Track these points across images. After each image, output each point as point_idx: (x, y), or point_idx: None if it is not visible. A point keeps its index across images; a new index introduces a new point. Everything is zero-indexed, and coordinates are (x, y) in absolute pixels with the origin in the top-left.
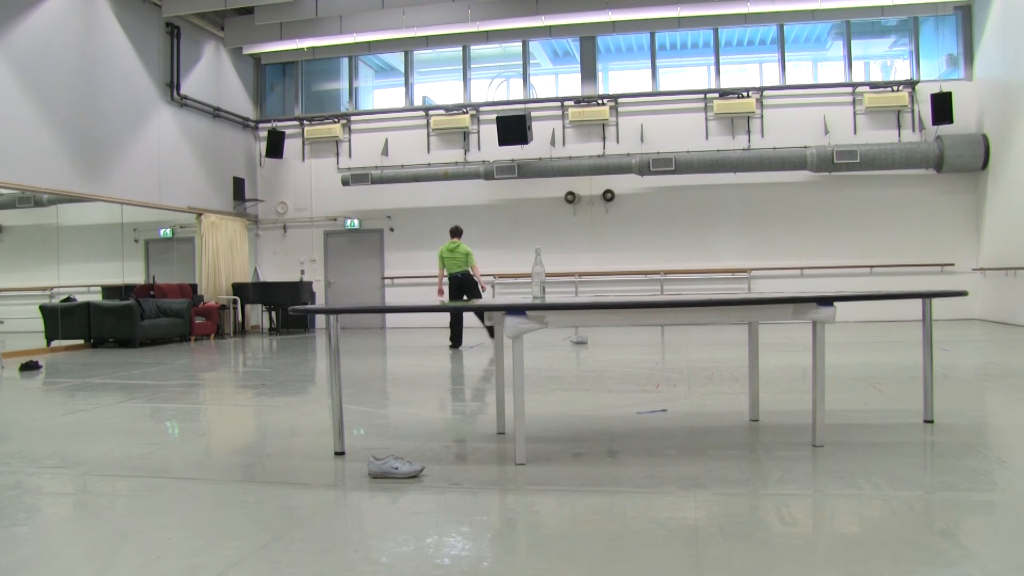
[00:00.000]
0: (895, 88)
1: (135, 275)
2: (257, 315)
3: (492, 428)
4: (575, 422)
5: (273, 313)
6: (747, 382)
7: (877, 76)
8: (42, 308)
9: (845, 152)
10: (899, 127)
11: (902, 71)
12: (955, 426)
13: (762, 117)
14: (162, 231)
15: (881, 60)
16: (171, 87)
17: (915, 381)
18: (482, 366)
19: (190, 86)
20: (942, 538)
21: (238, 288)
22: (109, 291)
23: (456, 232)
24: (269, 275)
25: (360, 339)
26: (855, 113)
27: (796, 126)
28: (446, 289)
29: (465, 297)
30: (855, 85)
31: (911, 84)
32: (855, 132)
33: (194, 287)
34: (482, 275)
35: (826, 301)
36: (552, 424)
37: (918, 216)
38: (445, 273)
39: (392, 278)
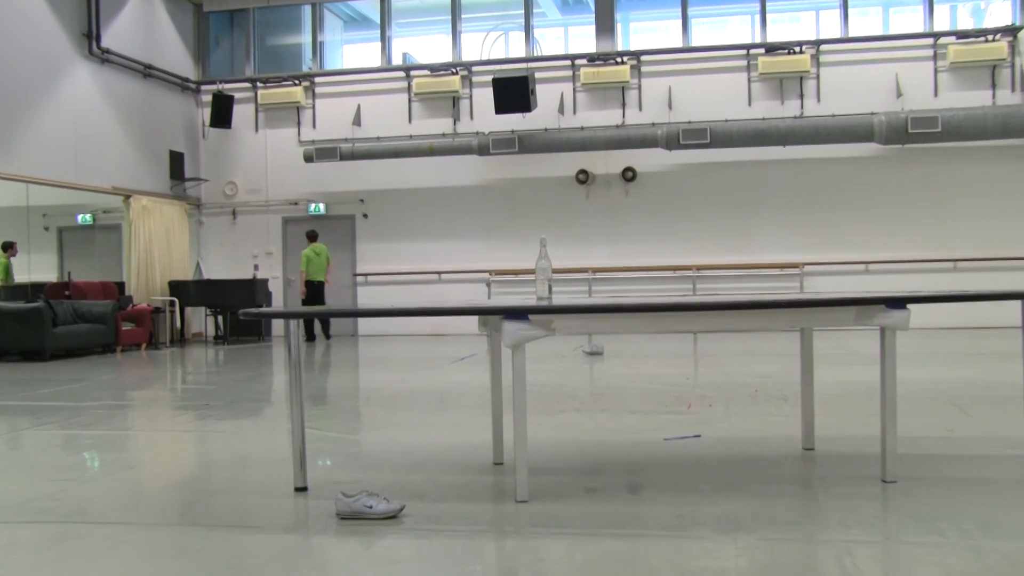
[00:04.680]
0: (990, 37)
1: (45, 271)
2: (200, 320)
3: (488, 457)
4: (588, 450)
5: (220, 318)
6: (799, 402)
7: (967, 23)
8: None
9: (923, 119)
10: (994, 87)
11: (1000, 15)
12: None
13: (818, 77)
14: (80, 217)
15: (972, 2)
16: (89, 38)
17: (1012, 403)
18: (475, 381)
19: (114, 37)
20: None
21: (176, 287)
22: (11, 291)
23: (314, 236)
24: (215, 271)
25: (328, 348)
26: (936, 70)
27: (860, 88)
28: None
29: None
30: (937, 35)
31: (1012, 31)
32: (936, 94)
33: (121, 286)
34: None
35: (898, 303)
36: (560, 452)
37: (1015, 199)
38: (306, 276)
39: (366, 275)
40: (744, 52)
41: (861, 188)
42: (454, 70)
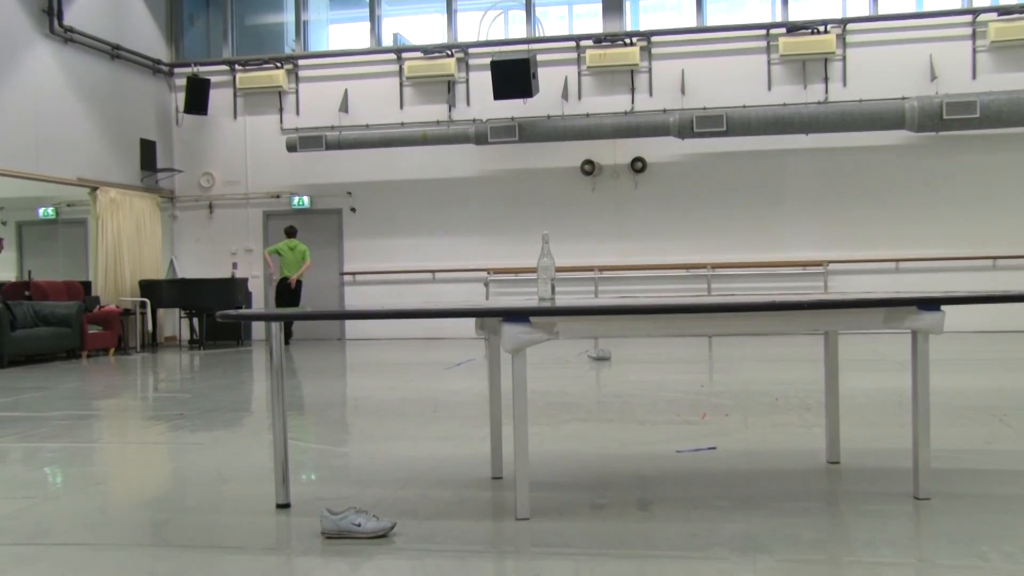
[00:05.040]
0: None
1: (4, 269)
2: (173, 323)
3: (486, 471)
4: (594, 463)
5: (195, 320)
6: (823, 411)
7: None
8: None
9: (960, 104)
10: None
11: None
12: None
13: (844, 59)
14: (41, 211)
15: None
16: (50, 15)
17: None
18: (472, 389)
19: (78, 15)
20: None
21: (148, 287)
22: None
23: (292, 232)
24: (190, 270)
25: (312, 353)
26: (975, 50)
27: (891, 70)
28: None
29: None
30: (976, 12)
31: None
32: (974, 76)
33: (87, 286)
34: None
35: (931, 304)
36: (564, 466)
37: None
38: (273, 262)
39: (353, 273)
40: (763, 32)
41: (891, 179)
42: (449, 52)
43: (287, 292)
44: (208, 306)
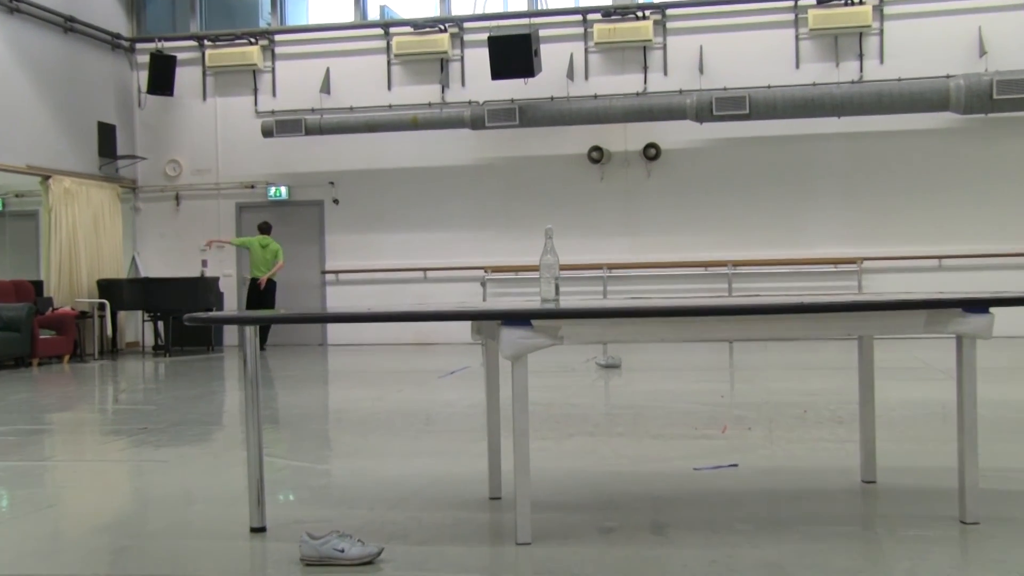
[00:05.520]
0: None
1: None
2: (136, 327)
3: (483, 491)
4: (603, 482)
5: (160, 324)
6: (857, 425)
7: None
8: None
9: (1012, 82)
10: None
11: None
12: None
13: (881, 33)
14: None
15: None
16: None
17: None
18: (468, 400)
19: None
20: None
21: (107, 288)
22: None
23: (266, 228)
24: (155, 268)
25: (290, 360)
26: None
27: (934, 45)
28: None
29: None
30: None
31: None
32: None
33: (38, 285)
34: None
35: (978, 305)
36: (570, 485)
37: None
38: (232, 242)
39: (336, 272)
40: (791, 4)
41: (934, 167)
42: (442, 27)
43: (256, 293)
44: (175, 308)
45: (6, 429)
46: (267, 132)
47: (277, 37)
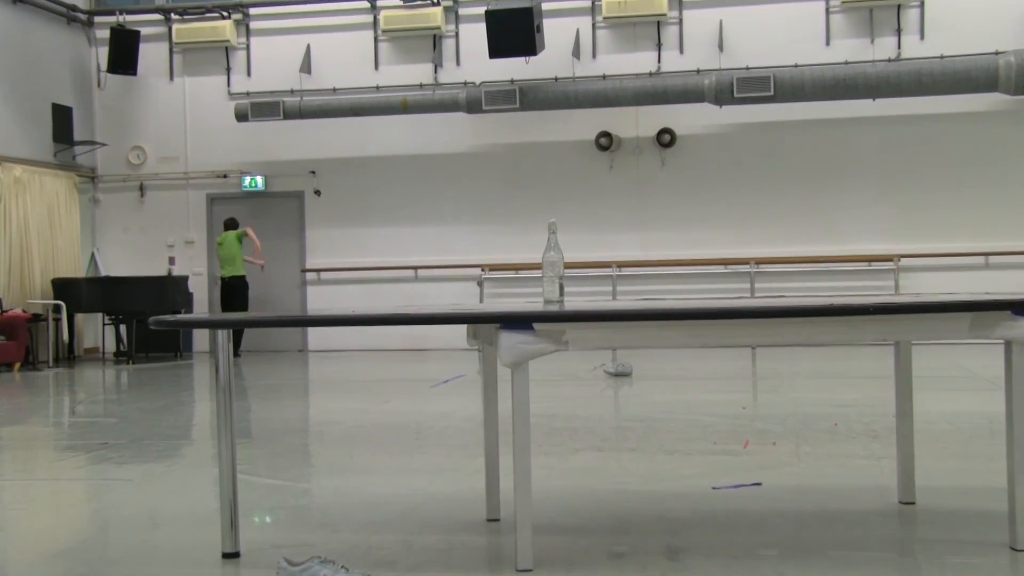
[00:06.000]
0: None
1: None
2: (96, 331)
3: (480, 512)
4: (612, 502)
5: (123, 328)
6: (894, 440)
7: None
8: None
9: None
10: None
11: None
12: None
13: (922, 5)
14: None
15: None
16: None
17: None
18: (463, 411)
19: None
20: None
21: (63, 288)
22: None
23: (233, 225)
24: (117, 266)
25: (267, 368)
26: None
27: (981, 18)
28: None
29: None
30: None
31: None
32: None
33: None
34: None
35: None
36: (576, 506)
37: None
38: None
39: (318, 270)
40: None
41: (979, 154)
42: (435, 0)
43: (228, 293)
44: (138, 310)
45: None
46: (241, 116)
47: (252, 11)
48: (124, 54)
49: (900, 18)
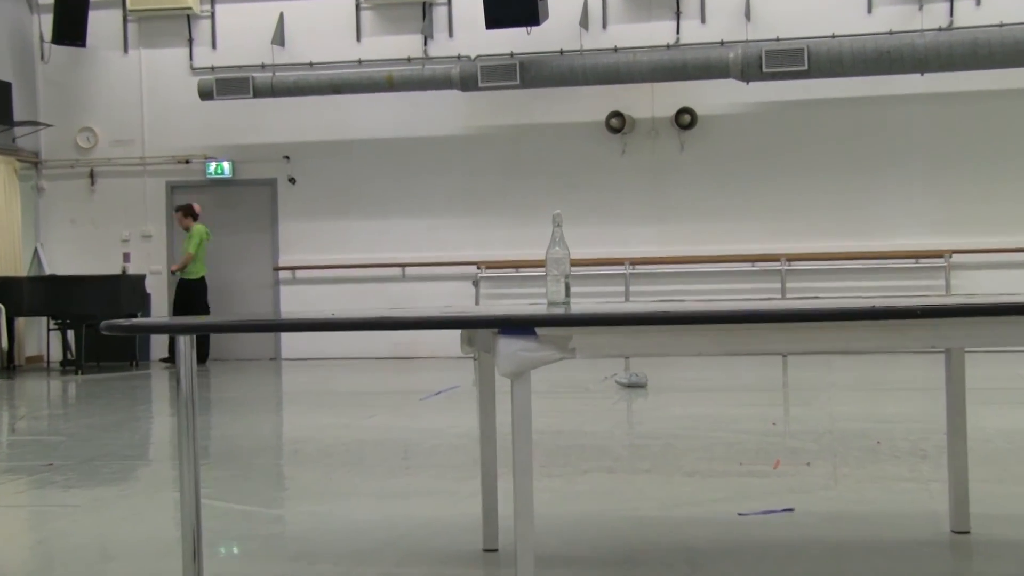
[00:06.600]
0: None
1: None
2: (40, 337)
3: (476, 541)
4: (625, 530)
5: (71, 333)
6: (945, 460)
7: None
8: None
9: None
10: None
11: None
12: None
13: None
14: None
15: None
16: None
17: None
18: (456, 427)
19: None
20: None
21: (1, 288)
22: None
23: (189, 211)
24: (64, 263)
25: (236, 379)
26: None
27: None
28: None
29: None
30: None
31: None
32: None
33: None
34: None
35: None
36: (583, 535)
37: None
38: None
39: (292, 268)
40: None
41: None
42: None
43: (185, 295)
44: (89, 313)
45: None
46: (205, 93)
47: None
48: (71, 22)
49: None
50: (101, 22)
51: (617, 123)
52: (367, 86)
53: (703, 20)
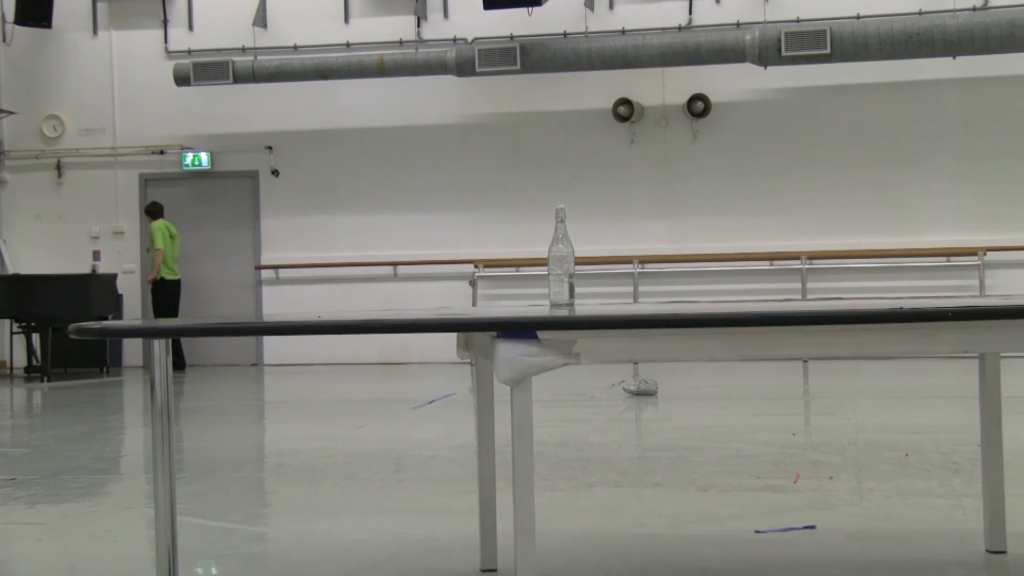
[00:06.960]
0: None
1: None
2: (2, 341)
3: (473, 560)
4: (633, 549)
5: (37, 337)
6: (979, 474)
7: None
8: None
9: None
10: None
11: None
12: None
13: None
14: None
15: None
16: None
17: None
18: (452, 438)
19: None
20: None
21: None
22: None
23: (158, 212)
24: (28, 262)
25: (214, 386)
26: None
27: None
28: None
29: None
30: None
31: None
32: None
33: None
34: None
35: None
36: (589, 552)
37: None
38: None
39: (276, 267)
40: None
41: None
42: None
43: (162, 296)
44: (56, 316)
45: None
46: (182, 79)
47: None
48: (36, 2)
49: None
50: (68, 1)
51: (625, 111)
52: (356, 71)
53: (717, 0)
